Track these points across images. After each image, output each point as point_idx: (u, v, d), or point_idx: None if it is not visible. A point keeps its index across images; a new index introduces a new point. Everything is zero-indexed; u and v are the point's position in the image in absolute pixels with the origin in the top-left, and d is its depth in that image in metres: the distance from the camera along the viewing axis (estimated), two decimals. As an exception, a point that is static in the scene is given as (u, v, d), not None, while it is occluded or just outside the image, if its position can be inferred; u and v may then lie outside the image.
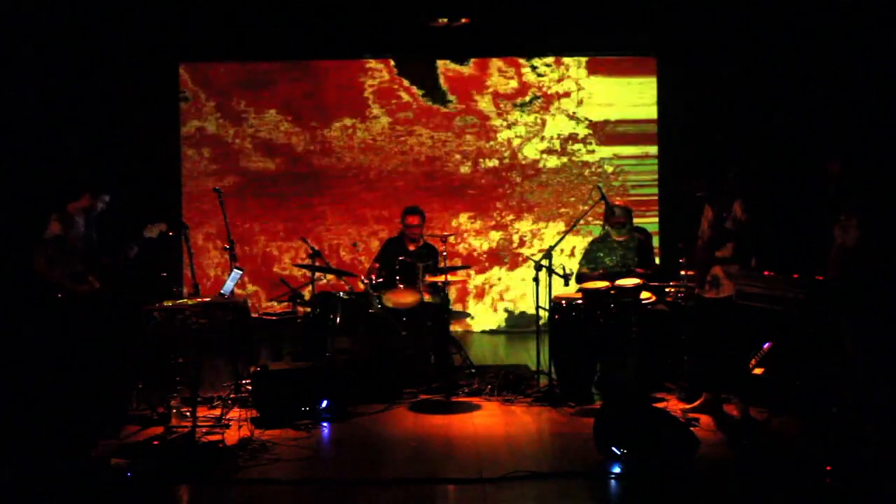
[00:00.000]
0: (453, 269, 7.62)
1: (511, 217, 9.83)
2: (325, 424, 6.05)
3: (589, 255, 7.17)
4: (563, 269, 6.95)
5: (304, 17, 8.92)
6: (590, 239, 7.66)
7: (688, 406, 6.13)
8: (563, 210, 9.76)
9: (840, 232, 5.27)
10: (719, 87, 8.79)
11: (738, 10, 8.31)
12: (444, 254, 7.19)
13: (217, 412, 6.18)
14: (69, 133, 8.11)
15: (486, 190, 9.83)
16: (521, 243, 9.83)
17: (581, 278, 7.02)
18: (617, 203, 7.15)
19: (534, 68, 9.71)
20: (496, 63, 9.73)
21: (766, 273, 5.48)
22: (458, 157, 9.79)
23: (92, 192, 6.06)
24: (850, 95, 7.38)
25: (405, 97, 9.76)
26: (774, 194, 7.73)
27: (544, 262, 6.78)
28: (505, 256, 9.82)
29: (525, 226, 9.83)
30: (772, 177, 7.92)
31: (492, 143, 9.79)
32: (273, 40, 9.34)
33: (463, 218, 9.81)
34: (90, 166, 7.42)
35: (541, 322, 7.11)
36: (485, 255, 9.84)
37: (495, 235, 9.84)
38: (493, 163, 9.81)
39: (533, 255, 9.06)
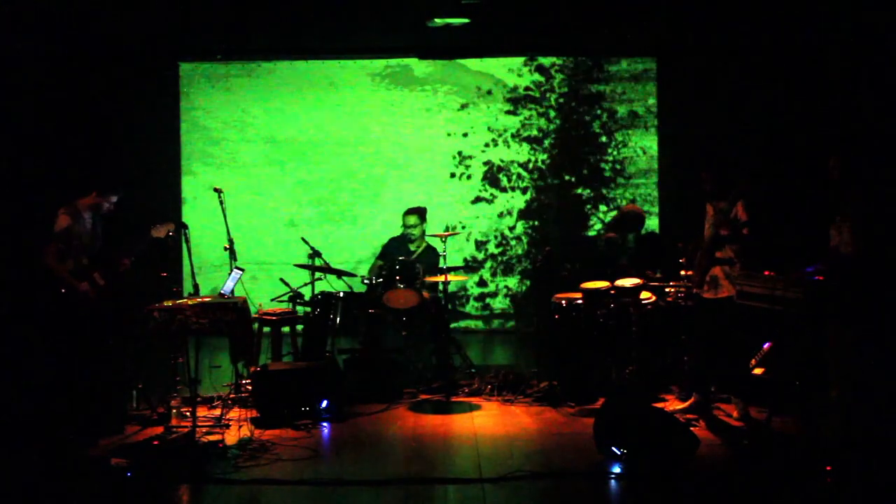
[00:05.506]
0: (453, 270, 7.61)
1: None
2: (325, 424, 6.05)
3: None
4: (566, 268, 6.93)
5: (305, 15, 8.90)
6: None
7: (678, 407, 6.13)
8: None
9: (835, 233, 5.27)
10: (722, 86, 8.77)
11: (739, 10, 8.29)
12: (445, 254, 7.18)
13: (217, 412, 6.18)
14: (68, 132, 8.10)
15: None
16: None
17: None
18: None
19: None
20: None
21: (766, 273, 5.47)
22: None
23: (99, 189, 6.04)
24: (850, 97, 7.38)
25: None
26: (777, 195, 7.72)
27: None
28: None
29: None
30: (774, 177, 7.91)
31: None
32: (274, 39, 9.32)
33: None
34: (91, 166, 7.41)
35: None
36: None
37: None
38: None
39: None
